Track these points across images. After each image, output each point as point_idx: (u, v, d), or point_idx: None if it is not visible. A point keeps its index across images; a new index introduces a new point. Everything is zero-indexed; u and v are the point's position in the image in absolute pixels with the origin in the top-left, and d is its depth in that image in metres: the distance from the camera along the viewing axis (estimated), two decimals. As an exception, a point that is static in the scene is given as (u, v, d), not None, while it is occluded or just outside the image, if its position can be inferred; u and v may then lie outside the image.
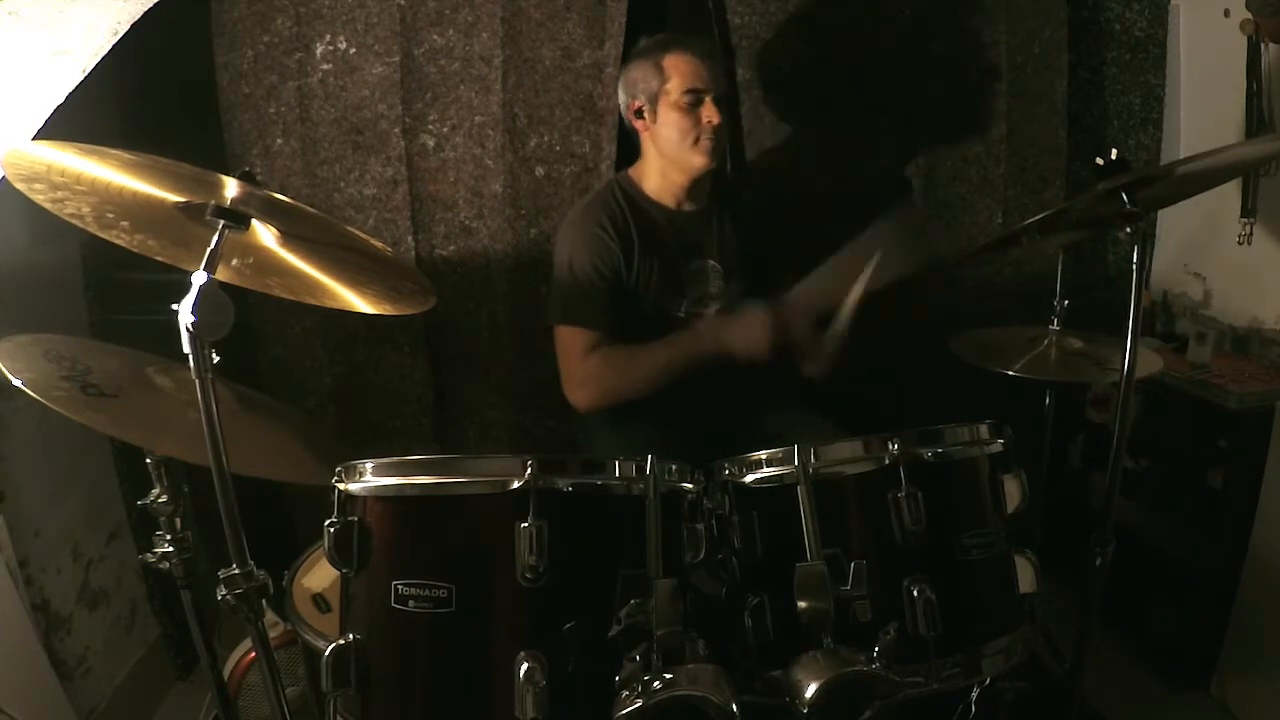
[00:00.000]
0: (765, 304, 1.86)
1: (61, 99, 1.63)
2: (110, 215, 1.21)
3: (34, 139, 1.30)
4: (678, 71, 1.86)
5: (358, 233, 1.22)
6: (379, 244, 1.26)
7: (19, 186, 1.14)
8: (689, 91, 1.85)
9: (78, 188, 1.13)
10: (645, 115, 1.91)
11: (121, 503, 2.23)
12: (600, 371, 1.87)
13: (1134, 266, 1.36)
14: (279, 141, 2.27)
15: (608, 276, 1.88)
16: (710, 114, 1.85)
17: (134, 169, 1.09)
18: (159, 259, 1.29)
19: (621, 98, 1.97)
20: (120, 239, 1.26)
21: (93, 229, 1.23)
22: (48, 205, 1.17)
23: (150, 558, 1.34)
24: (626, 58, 2.07)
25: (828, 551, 1.23)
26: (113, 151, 1.04)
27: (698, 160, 1.88)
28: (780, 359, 1.84)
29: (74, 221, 1.21)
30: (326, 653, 1.14)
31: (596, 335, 1.87)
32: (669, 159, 1.92)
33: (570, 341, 1.88)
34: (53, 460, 1.99)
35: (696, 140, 1.86)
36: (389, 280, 1.39)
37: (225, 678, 1.67)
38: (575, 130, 2.31)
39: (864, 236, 1.83)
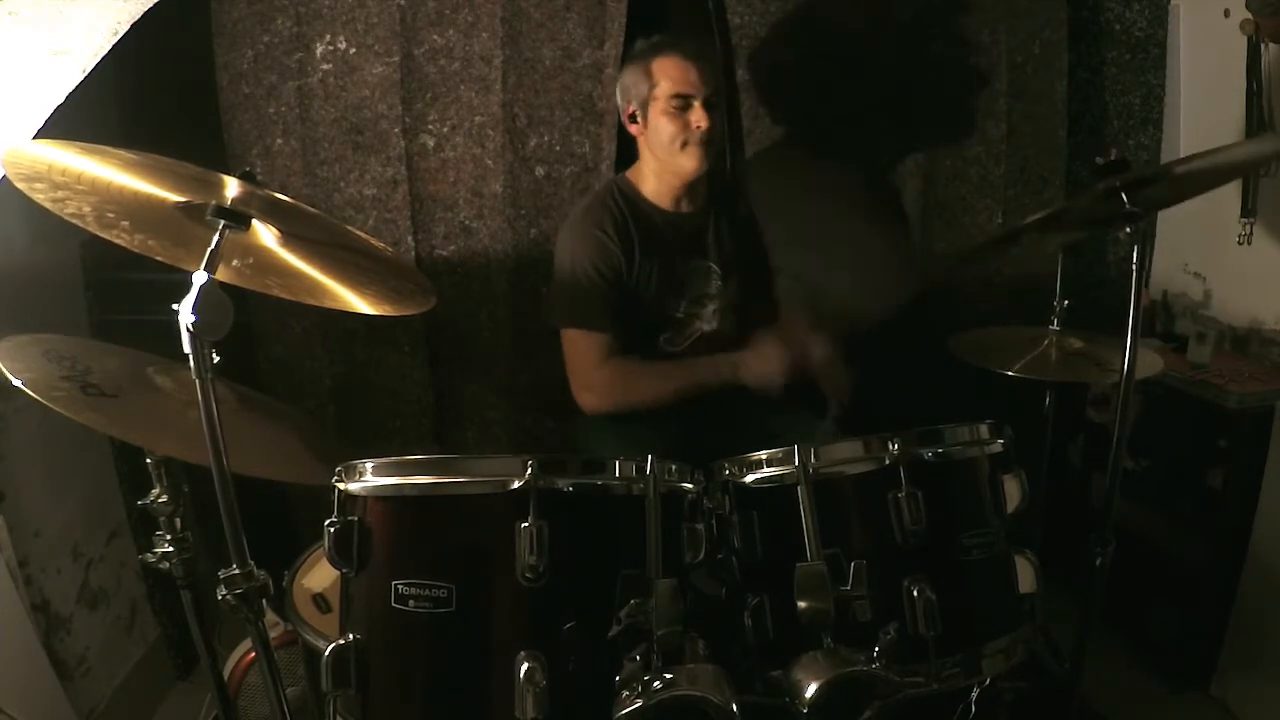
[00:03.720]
0: (780, 336, 1.89)
1: (61, 99, 1.63)
2: (110, 215, 1.21)
3: (34, 139, 1.30)
4: (665, 76, 1.85)
5: (358, 233, 1.22)
6: (379, 244, 1.25)
7: (19, 186, 1.14)
8: (676, 96, 1.84)
9: (78, 187, 1.13)
10: (638, 120, 1.92)
11: (121, 503, 2.23)
12: (614, 382, 1.89)
13: (1134, 266, 1.36)
14: (279, 141, 2.27)
15: (610, 278, 1.88)
16: (698, 118, 1.84)
17: (134, 168, 1.09)
18: (159, 259, 1.29)
19: (619, 102, 1.98)
20: (120, 239, 1.26)
21: (93, 229, 1.23)
22: (48, 205, 1.17)
23: (150, 558, 1.34)
24: (624, 60, 2.07)
25: (828, 551, 1.24)
26: (113, 151, 1.04)
27: (688, 164, 1.88)
28: (794, 389, 1.87)
29: (74, 221, 1.21)
30: (326, 653, 1.14)
31: (609, 340, 1.88)
32: (662, 163, 1.92)
33: (582, 346, 1.89)
34: (53, 460, 1.99)
35: (685, 144, 1.86)
36: (389, 280, 1.39)
37: (225, 678, 1.67)
38: (575, 130, 2.31)
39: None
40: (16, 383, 1.14)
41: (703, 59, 1.89)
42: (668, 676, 1.07)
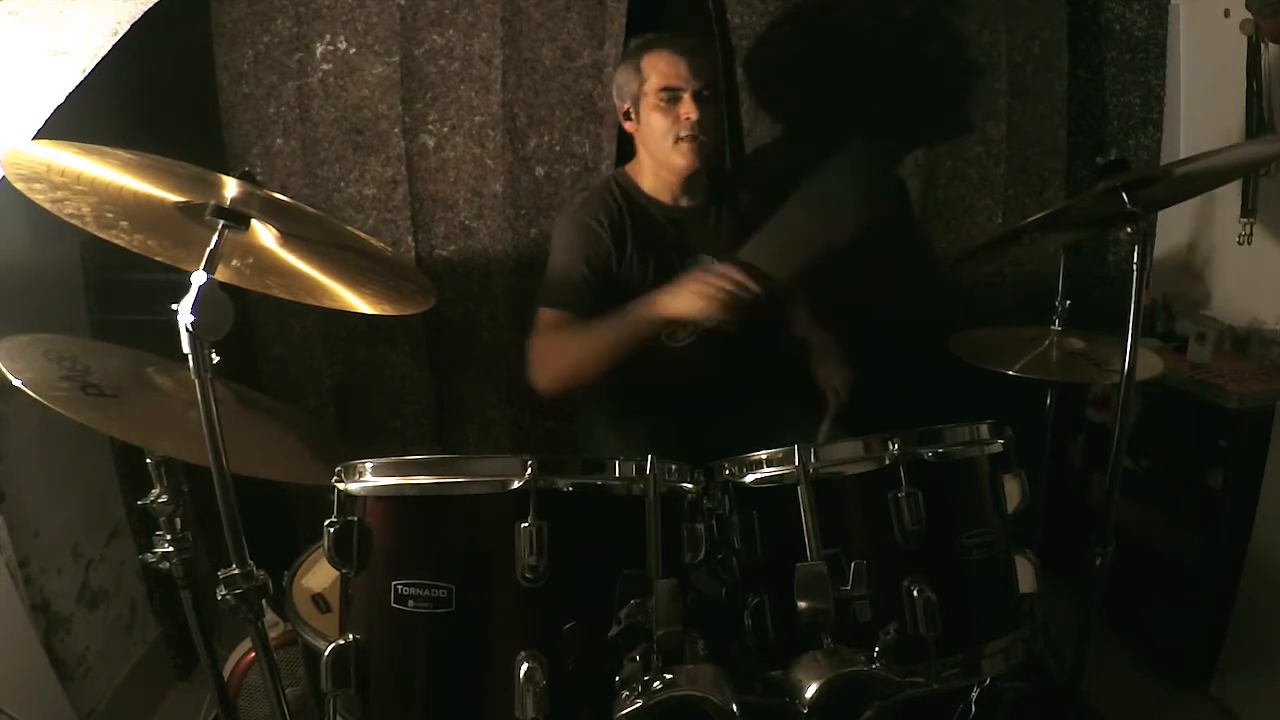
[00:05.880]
0: (711, 262, 1.82)
1: (61, 99, 1.63)
2: (110, 215, 1.21)
3: (33, 139, 1.30)
4: (655, 70, 1.86)
5: (357, 232, 1.22)
6: (378, 243, 1.25)
7: (19, 186, 1.13)
8: (664, 90, 1.84)
9: (77, 188, 1.13)
10: (632, 117, 1.93)
11: (121, 503, 2.23)
12: (547, 349, 1.82)
13: (1134, 266, 1.36)
14: (279, 141, 2.27)
15: (596, 267, 1.87)
16: (688, 110, 1.83)
17: (133, 168, 1.09)
18: (159, 259, 1.29)
19: (615, 101, 1.99)
20: (120, 239, 1.26)
21: (92, 229, 1.23)
22: (47, 205, 1.17)
23: (150, 558, 1.34)
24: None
25: (828, 551, 1.23)
26: (112, 151, 1.04)
27: (679, 160, 1.87)
28: (740, 319, 1.79)
29: (74, 221, 1.21)
30: (326, 653, 1.14)
31: (561, 316, 1.82)
32: (656, 159, 1.92)
33: (540, 321, 1.86)
34: (53, 460, 1.99)
35: (677, 140, 1.85)
36: (389, 280, 1.39)
37: (225, 678, 1.67)
38: (575, 130, 2.31)
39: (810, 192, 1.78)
40: (16, 383, 1.14)
41: (694, 54, 1.88)
42: (668, 676, 1.07)
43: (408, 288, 1.40)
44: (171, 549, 1.32)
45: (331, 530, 1.16)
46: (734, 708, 1.04)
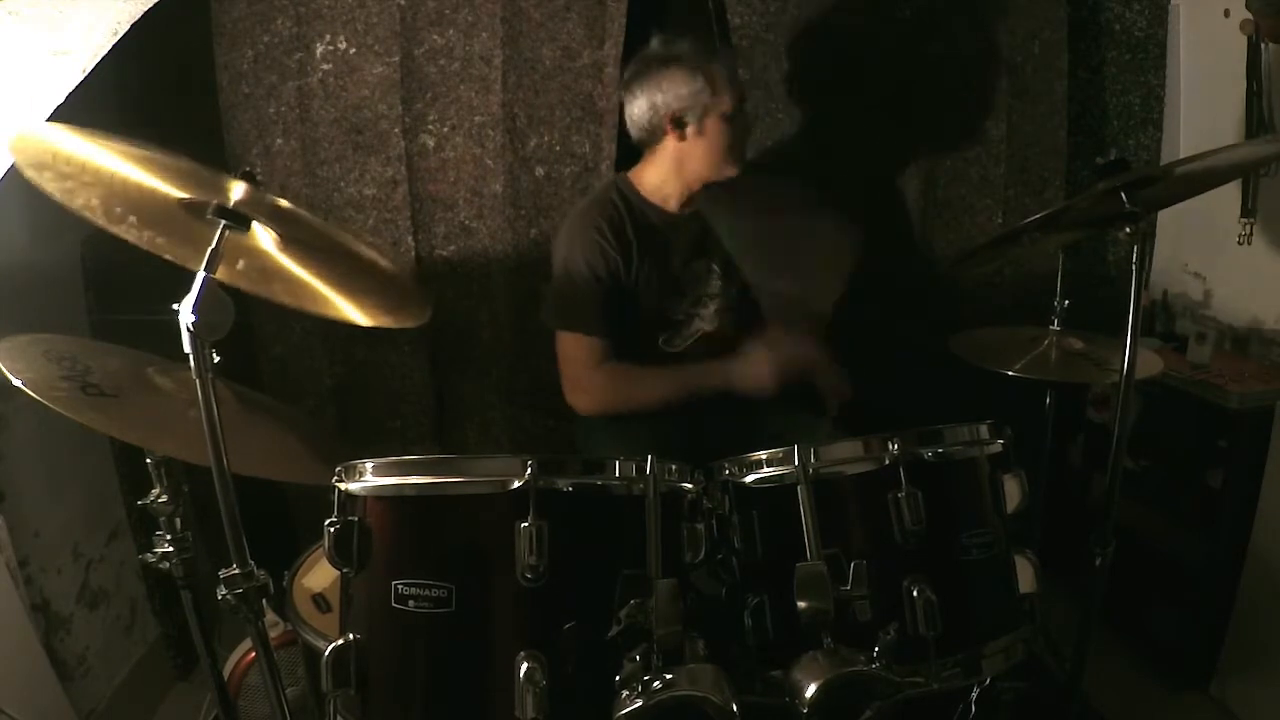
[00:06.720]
0: (767, 342, 1.92)
1: (61, 99, 1.63)
2: (119, 210, 1.20)
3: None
4: (725, 86, 1.86)
5: (359, 244, 1.21)
6: (378, 255, 1.24)
7: (29, 174, 1.11)
8: (738, 104, 1.88)
9: (84, 178, 1.12)
10: (689, 125, 1.85)
11: (121, 503, 2.23)
12: (607, 385, 1.90)
13: (1134, 266, 1.36)
14: (279, 141, 2.27)
15: (605, 280, 1.88)
16: (747, 124, 1.95)
17: (136, 160, 1.08)
18: (167, 257, 1.28)
19: (652, 102, 1.86)
20: (130, 234, 1.24)
21: (102, 222, 1.20)
22: (57, 195, 1.15)
23: (150, 558, 1.34)
24: (637, 60, 1.95)
25: (828, 551, 1.23)
26: (115, 141, 1.03)
27: (731, 171, 1.92)
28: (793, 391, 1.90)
29: (84, 213, 1.18)
30: (326, 653, 1.14)
31: (603, 344, 1.88)
32: (704, 167, 1.90)
33: (575, 349, 1.90)
34: (53, 460, 1.99)
35: (739, 155, 1.91)
36: (387, 291, 1.37)
37: (225, 678, 1.67)
38: (575, 130, 2.31)
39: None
40: (16, 383, 1.14)
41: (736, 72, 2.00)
42: (668, 676, 1.07)
43: (406, 300, 1.39)
44: (171, 549, 1.32)
45: (331, 530, 1.16)
46: (734, 708, 1.04)
